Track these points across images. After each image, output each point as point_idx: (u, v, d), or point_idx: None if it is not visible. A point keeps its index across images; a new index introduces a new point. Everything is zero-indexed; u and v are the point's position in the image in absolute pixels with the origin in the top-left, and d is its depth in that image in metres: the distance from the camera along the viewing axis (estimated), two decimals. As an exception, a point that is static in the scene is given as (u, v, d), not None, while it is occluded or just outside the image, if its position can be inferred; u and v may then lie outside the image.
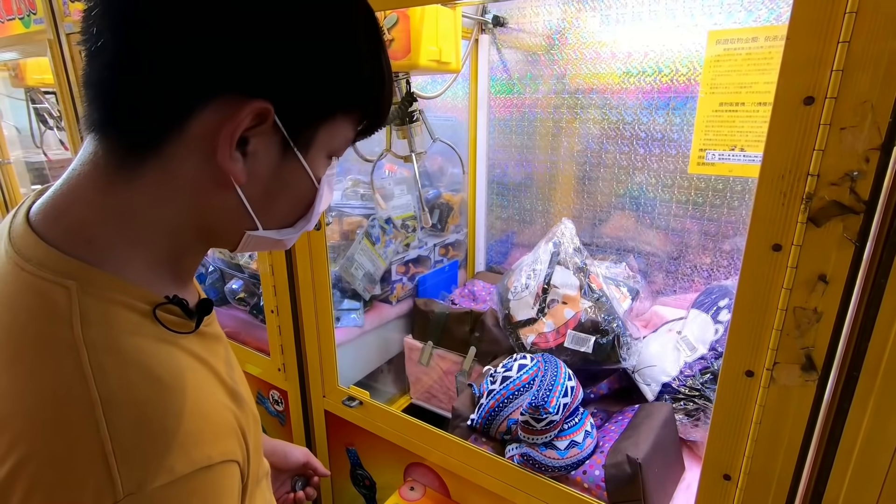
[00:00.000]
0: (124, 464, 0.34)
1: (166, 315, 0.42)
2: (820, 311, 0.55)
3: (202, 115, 0.39)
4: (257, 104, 0.39)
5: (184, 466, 0.36)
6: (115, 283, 0.40)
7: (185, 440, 0.37)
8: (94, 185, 0.41)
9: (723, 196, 1.28)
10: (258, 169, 0.42)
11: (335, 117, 0.44)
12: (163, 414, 0.37)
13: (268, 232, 0.47)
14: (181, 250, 0.45)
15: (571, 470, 0.91)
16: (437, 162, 1.72)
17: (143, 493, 0.34)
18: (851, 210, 0.51)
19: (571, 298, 1.11)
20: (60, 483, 0.33)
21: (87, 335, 0.37)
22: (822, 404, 0.58)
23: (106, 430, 0.34)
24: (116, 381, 0.36)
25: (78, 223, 0.41)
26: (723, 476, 0.67)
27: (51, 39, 1.44)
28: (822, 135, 0.50)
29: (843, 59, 0.48)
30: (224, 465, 0.40)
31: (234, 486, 0.41)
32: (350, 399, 1.15)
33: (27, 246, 0.40)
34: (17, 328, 0.38)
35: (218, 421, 0.41)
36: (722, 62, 1.14)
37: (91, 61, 0.40)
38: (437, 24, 0.87)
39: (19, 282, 0.39)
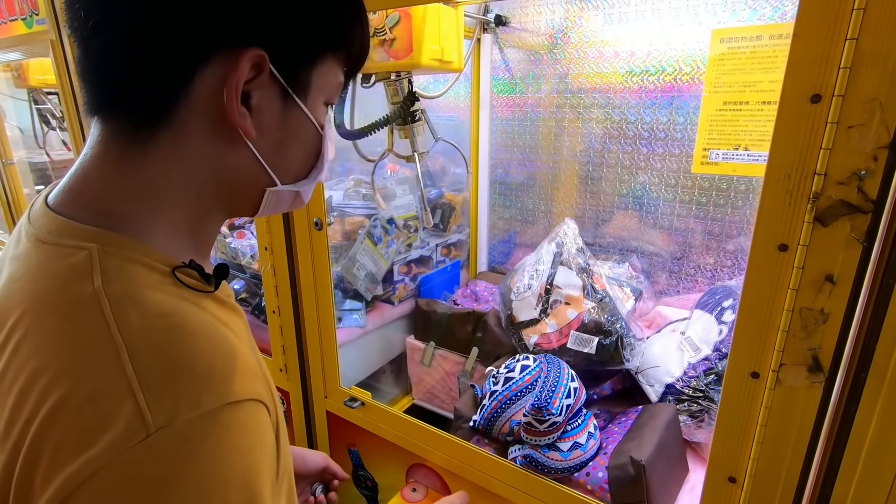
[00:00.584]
0: (152, 400, 0.34)
1: (185, 277, 0.43)
2: (827, 311, 0.54)
3: (203, 75, 0.40)
4: (253, 52, 0.40)
5: (211, 400, 0.36)
6: (135, 245, 0.41)
7: (210, 377, 0.37)
8: (108, 163, 0.42)
9: (727, 196, 1.27)
10: (265, 122, 0.43)
11: (324, 59, 0.46)
12: (186, 354, 0.37)
13: (286, 186, 0.48)
14: (200, 218, 0.46)
15: (574, 472, 0.90)
16: (439, 162, 1.71)
17: (173, 427, 0.34)
18: (859, 209, 0.50)
19: (574, 299, 1.10)
20: (95, 421, 0.34)
21: (107, 288, 0.38)
22: (828, 406, 0.57)
23: (132, 370, 0.35)
24: (138, 327, 0.37)
25: (96, 198, 0.42)
26: (728, 478, 0.66)
27: (53, 40, 1.44)
28: (829, 133, 0.50)
29: (850, 57, 0.47)
30: (252, 403, 0.39)
31: (264, 427, 0.40)
32: (352, 400, 1.15)
33: (46, 223, 0.41)
34: (41, 293, 0.39)
35: (243, 362, 0.41)
36: (726, 61, 1.14)
37: (85, 47, 0.41)
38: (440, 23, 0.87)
39: (40, 253, 0.40)
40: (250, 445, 0.38)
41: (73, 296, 0.38)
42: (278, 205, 0.50)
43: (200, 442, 0.35)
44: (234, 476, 0.36)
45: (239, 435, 0.37)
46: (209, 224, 0.47)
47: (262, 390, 0.41)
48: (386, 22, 0.88)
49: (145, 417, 0.34)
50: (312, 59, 0.45)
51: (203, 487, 0.34)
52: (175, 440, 0.34)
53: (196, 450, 0.35)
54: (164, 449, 0.34)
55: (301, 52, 0.44)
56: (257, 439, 0.39)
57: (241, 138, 0.43)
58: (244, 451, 0.37)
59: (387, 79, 0.97)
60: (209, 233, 0.48)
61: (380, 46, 0.88)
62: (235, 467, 0.36)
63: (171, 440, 0.34)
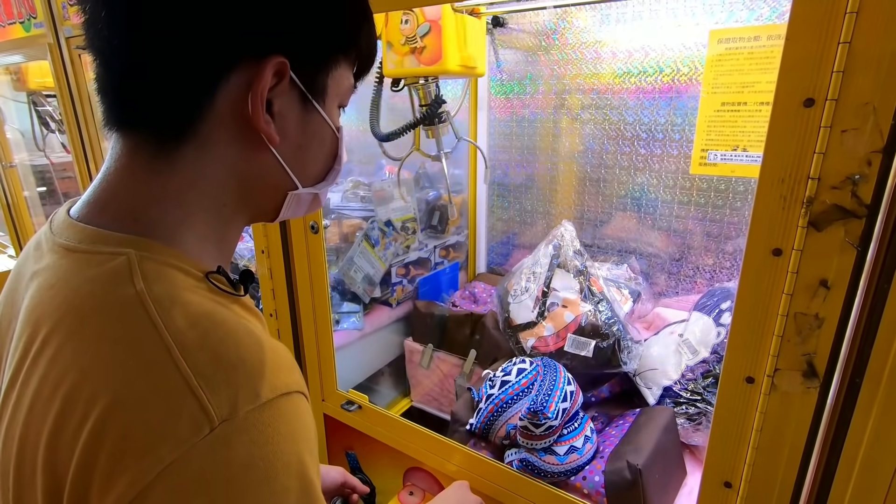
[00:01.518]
0: (213, 394, 0.35)
1: (217, 282, 0.44)
2: (821, 316, 0.54)
3: (227, 86, 0.41)
4: (275, 60, 0.41)
5: (267, 392, 0.37)
6: (170, 250, 0.41)
7: (262, 370, 0.38)
8: (134, 175, 0.42)
9: (725, 197, 1.27)
10: (286, 127, 0.45)
11: (338, 64, 0.47)
12: (236, 349, 0.38)
13: (307, 189, 0.50)
14: (224, 226, 0.46)
15: (571, 475, 0.90)
16: (437, 164, 1.71)
17: (236, 419, 0.35)
18: (853, 214, 0.50)
19: (571, 302, 1.10)
20: (154, 422, 0.34)
21: (150, 290, 0.38)
22: (824, 411, 0.57)
23: (187, 367, 0.35)
24: (185, 326, 0.37)
25: (123, 208, 0.42)
26: (723, 484, 0.66)
27: (51, 43, 1.45)
28: (822, 137, 0.49)
29: (843, 60, 0.47)
30: (299, 395, 0.41)
31: (309, 418, 0.42)
32: (349, 403, 1.14)
33: (74, 233, 0.42)
34: (79, 298, 0.39)
35: (285, 356, 0.42)
36: (724, 61, 1.13)
37: (107, 65, 0.41)
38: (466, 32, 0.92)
39: (72, 261, 0.40)
40: (303, 435, 0.39)
41: (116, 298, 0.38)
42: (298, 208, 0.51)
43: (261, 432, 0.36)
44: (293, 464, 0.37)
45: (293, 424, 0.38)
46: (231, 231, 0.48)
47: (302, 383, 0.43)
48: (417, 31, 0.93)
49: (208, 411, 0.34)
50: (328, 64, 0.46)
51: (267, 476, 0.35)
52: (239, 431, 0.35)
53: (257, 440, 0.35)
54: (231, 441, 0.34)
55: (318, 57, 0.45)
56: (306, 430, 0.40)
57: (265, 144, 0.44)
58: (299, 440, 0.38)
59: (415, 83, 1.04)
60: (231, 240, 0.49)
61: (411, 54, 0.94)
62: (293, 455, 0.37)
63: (236, 431, 0.35)
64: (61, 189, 2.52)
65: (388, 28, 0.95)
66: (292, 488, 0.36)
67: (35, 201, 2.47)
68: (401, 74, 0.98)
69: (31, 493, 0.37)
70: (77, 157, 1.59)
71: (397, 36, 0.94)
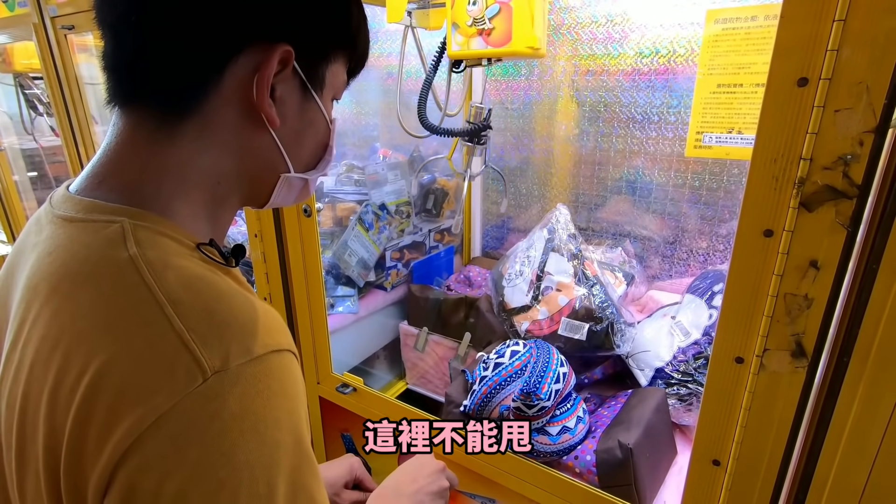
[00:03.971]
0: (205, 347, 0.36)
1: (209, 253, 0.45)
2: (811, 297, 0.54)
3: (235, 67, 0.42)
4: (282, 48, 0.43)
5: (259, 348, 0.38)
6: (163, 221, 0.43)
7: (254, 328, 0.39)
8: (135, 150, 0.43)
9: (720, 180, 1.27)
10: (286, 112, 0.46)
11: (336, 58, 0.50)
12: (229, 308, 0.39)
13: (299, 174, 0.51)
14: (217, 204, 0.47)
15: (563, 455, 0.91)
16: (432, 147, 1.70)
17: (228, 371, 0.36)
18: (844, 195, 0.50)
19: (566, 286, 1.10)
20: (150, 374, 0.35)
21: (143, 254, 0.39)
22: (811, 390, 0.57)
23: (180, 323, 0.36)
24: (179, 287, 0.38)
25: (122, 182, 0.43)
26: (712, 461, 0.67)
27: (35, 23, 1.41)
28: (815, 117, 0.49)
29: (838, 39, 0.47)
30: (290, 354, 0.42)
31: (300, 377, 0.43)
32: (344, 386, 1.15)
33: (72, 205, 0.43)
34: (75, 262, 0.40)
35: (277, 318, 0.43)
36: (720, 42, 1.12)
37: (117, 40, 0.42)
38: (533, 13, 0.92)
39: (69, 230, 0.42)
40: (293, 392, 0.40)
41: (110, 261, 0.39)
42: (288, 194, 0.53)
43: (252, 385, 0.37)
44: (283, 419, 0.38)
45: (284, 381, 0.39)
46: (224, 211, 0.49)
47: (293, 346, 0.44)
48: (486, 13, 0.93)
49: (201, 363, 0.35)
50: (328, 58, 0.48)
51: (258, 429, 0.36)
52: (231, 383, 0.36)
53: (249, 393, 0.36)
54: (223, 392, 0.35)
55: (320, 50, 0.47)
56: (296, 388, 0.41)
57: (264, 126, 0.45)
58: (290, 396, 0.39)
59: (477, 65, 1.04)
60: (225, 220, 0.50)
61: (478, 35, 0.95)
62: (284, 411, 0.38)
63: (227, 383, 0.36)
64: (52, 173, 2.49)
65: (454, 9, 0.94)
66: (283, 442, 0.37)
67: (26, 186, 2.45)
68: (467, 56, 0.98)
69: (33, 450, 0.38)
70: (66, 140, 1.57)
71: (464, 17, 0.94)
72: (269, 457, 0.36)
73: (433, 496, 0.73)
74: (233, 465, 0.35)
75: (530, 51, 0.96)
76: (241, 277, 0.50)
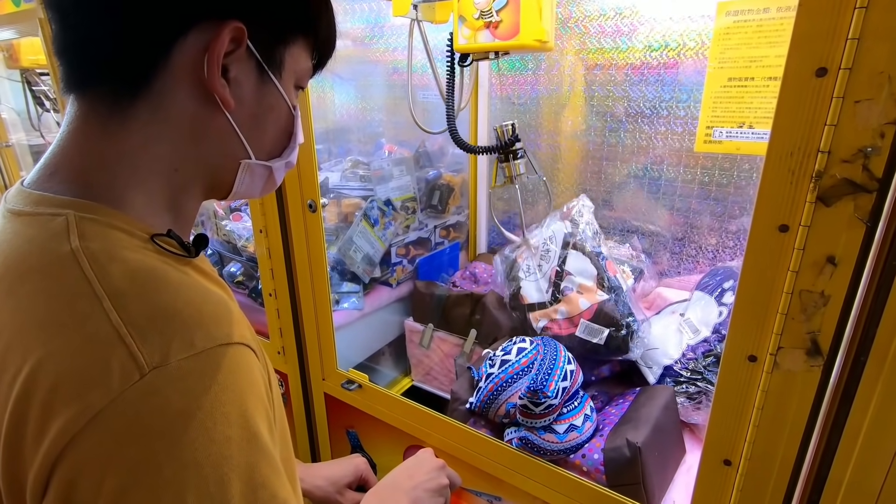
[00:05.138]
0: (143, 342, 0.35)
1: (165, 244, 0.43)
2: (827, 294, 0.53)
3: (183, 45, 0.41)
4: (233, 24, 0.41)
5: (204, 342, 0.37)
6: (114, 213, 0.41)
7: (201, 320, 0.38)
8: (86, 138, 0.42)
9: (730, 175, 1.25)
10: (242, 94, 0.45)
11: (296, 41, 0.48)
12: (173, 300, 0.38)
13: (261, 162, 0.50)
14: (177, 194, 0.46)
15: (570, 453, 0.90)
16: (437, 142, 1.68)
17: (167, 366, 0.35)
18: (864, 188, 0.48)
19: (588, 289, 1.06)
20: (84, 371, 0.34)
21: (85, 246, 0.38)
22: (826, 389, 0.56)
23: (118, 317, 0.35)
24: (121, 280, 0.37)
25: (73, 173, 0.42)
26: (723, 461, 0.66)
27: (41, 18, 1.41)
28: (834, 108, 0.47)
29: (859, 27, 0.45)
30: (243, 347, 0.40)
31: (255, 371, 0.41)
32: (349, 382, 1.15)
33: (21, 199, 0.42)
34: (17, 257, 0.39)
35: (232, 309, 0.42)
36: (731, 35, 1.10)
37: (64, 22, 0.41)
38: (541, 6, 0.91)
39: (14, 224, 0.41)
40: (245, 386, 0.38)
41: (52, 255, 0.38)
42: (252, 184, 0.51)
43: (197, 380, 0.35)
44: (233, 414, 0.36)
45: (233, 375, 0.38)
46: (187, 201, 0.48)
47: (250, 337, 0.42)
48: (493, 6, 0.92)
49: (137, 359, 0.34)
50: (285, 39, 0.47)
51: (204, 425, 0.35)
52: (171, 379, 0.35)
53: (193, 388, 0.35)
54: (162, 387, 0.34)
55: (276, 30, 0.46)
56: (250, 381, 0.39)
57: (220, 109, 0.44)
58: (239, 392, 0.38)
59: (483, 59, 1.02)
60: (187, 210, 0.48)
61: (485, 28, 0.94)
62: (233, 405, 0.37)
63: (167, 379, 0.34)
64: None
65: (461, 2, 0.93)
66: (234, 437, 0.36)
67: (32, 182, 2.46)
68: (474, 49, 0.97)
69: None
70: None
71: (470, 10, 0.93)
72: (219, 454, 0.35)
73: (431, 493, 0.72)
74: (177, 464, 0.33)
75: (538, 44, 0.95)
76: (207, 268, 0.48)
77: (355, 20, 1.67)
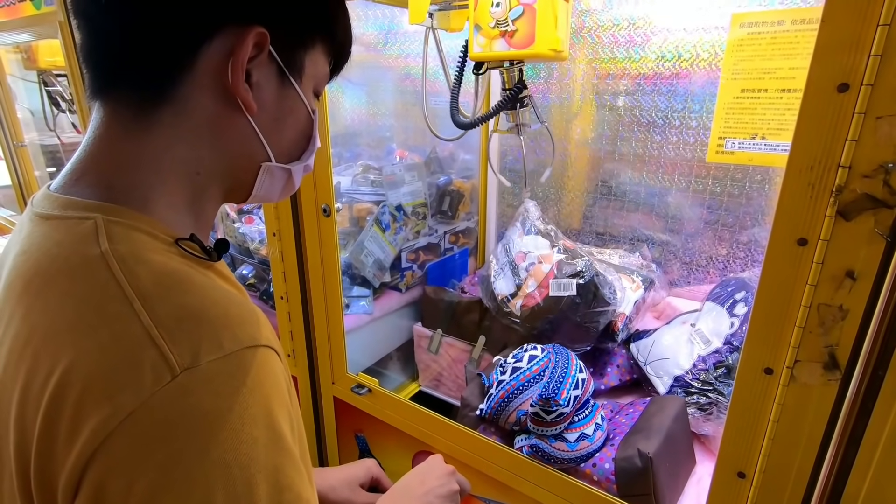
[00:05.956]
0: (174, 343, 0.35)
1: (188, 247, 0.44)
2: (846, 308, 0.53)
3: (208, 50, 0.42)
4: (256, 30, 0.42)
5: (231, 344, 0.37)
6: (139, 216, 0.42)
7: (227, 322, 0.38)
8: (112, 142, 0.43)
9: (741, 186, 1.25)
10: (264, 98, 0.46)
11: (315, 46, 0.49)
12: (201, 302, 0.39)
13: (281, 164, 0.50)
14: (197, 196, 0.47)
15: (581, 462, 0.90)
16: (447, 148, 1.69)
17: (198, 368, 0.35)
18: (884, 204, 0.49)
19: (546, 256, 1.15)
20: (116, 372, 0.34)
21: (114, 249, 0.38)
22: (843, 403, 0.56)
23: (149, 318, 0.36)
24: (150, 282, 0.38)
25: (99, 177, 0.43)
26: (737, 474, 0.65)
27: (61, 21, 1.43)
28: (856, 124, 0.48)
29: (882, 44, 0.45)
30: (268, 350, 0.40)
31: (279, 373, 0.41)
32: (359, 386, 1.15)
33: (49, 203, 0.43)
34: (47, 259, 0.40)
35: (255, 313, 0.42)
36: (745, 46, 1.10)
37: (91, 28, 0.42)
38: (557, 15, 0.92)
39: (43, 228, 0.42)
40: (270, 389, 0.39)
41: (81, 257, 0.38)
42: (271, 187, 0.52)
43: (224, 382, 0.36)
44: (260, 416, 0.37)
45: (260, 377, 0.38)
46: (207, 204, 0.48)
47: (273, 339, 0.42)
48: (509, 15, 0.94)
49: (169, 360, 0.34)
50: (305, 43, 0.48)
51: (233, 426, 0.35)
52: (202, 380, 0.35)
53: (221, 390, 0.36)
54: (193, 389, 0.35)
55: (297, 35, 0.46)
56: (274, 383, 0.40)
57: (241, 112, 0.45)
58: (266, 394, 0.38)
59: (498, 67, 1.04)
60: (207, 213, 0.49)
61: (500, 37, 0.95)
62: (260, 407, 0.37)
63: (198, 380, 0.35)
64: (71, 169, 2.52)
65: (476, 11, 0.94)
66: (260, 439, 0.36)
67: (45, 181, 2.48)
68: (489, 58, 0.98)
69: (6, 451, 0.38)
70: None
71: (486, 19, 0.94)
72: (246, 455, 0.35)
73: (443, 499, 0.73)
74: (206, 465, 0.34)
75: (553, 53, 0.95)
76: (226, 272, 0.49)
77: (368, 26, 1.69)
